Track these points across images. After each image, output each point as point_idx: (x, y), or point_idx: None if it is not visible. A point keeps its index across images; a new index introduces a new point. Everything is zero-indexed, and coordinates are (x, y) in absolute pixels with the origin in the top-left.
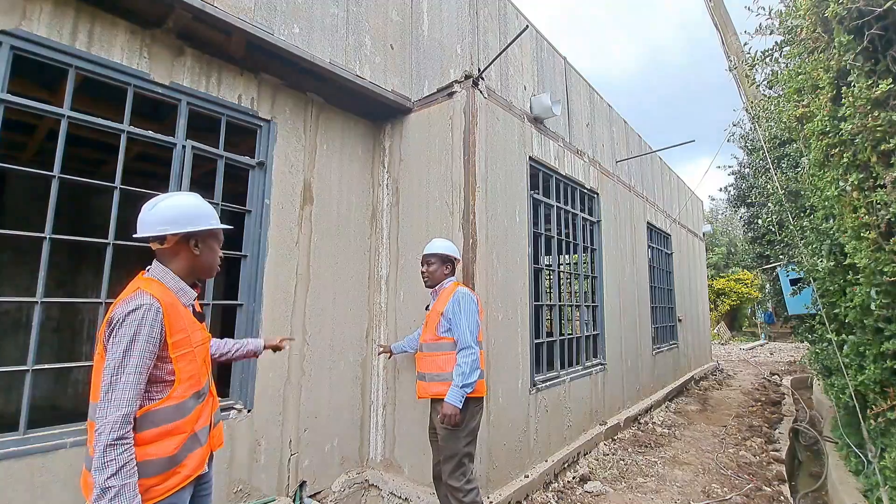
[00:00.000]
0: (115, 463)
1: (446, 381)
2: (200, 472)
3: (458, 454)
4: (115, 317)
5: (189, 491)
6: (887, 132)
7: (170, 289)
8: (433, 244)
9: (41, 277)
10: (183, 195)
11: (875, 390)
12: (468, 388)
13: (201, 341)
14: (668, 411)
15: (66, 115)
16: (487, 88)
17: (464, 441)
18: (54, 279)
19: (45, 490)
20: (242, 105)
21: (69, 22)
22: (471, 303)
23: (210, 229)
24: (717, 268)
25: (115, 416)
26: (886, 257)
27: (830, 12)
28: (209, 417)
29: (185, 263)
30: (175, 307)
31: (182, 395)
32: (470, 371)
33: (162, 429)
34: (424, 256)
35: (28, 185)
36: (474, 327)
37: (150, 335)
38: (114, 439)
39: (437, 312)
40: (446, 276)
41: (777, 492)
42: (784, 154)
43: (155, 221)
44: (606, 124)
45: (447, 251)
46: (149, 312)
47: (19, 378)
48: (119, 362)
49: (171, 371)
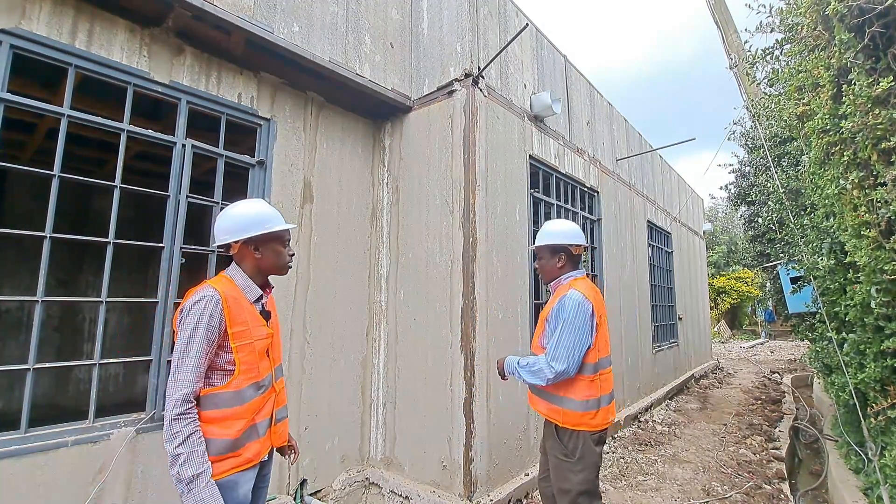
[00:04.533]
0: (181, 434)
1: (551, 405)
2: (258, 461)
3: (571, 491)
4: (185, 307)
5: (252, 475)
6: (888, 130)
7: (238, 285)
8: (542, 232)
9: (42, 276)
10: (243, 203)
11: (875, 388)
12: (519, 376)
13: (264, 336)
14: (668, 409)
15: (66, 114)
16: (487, 87)
17: (580, 475)
18: (55, 278)
19: (47, 489)
20: (242, 104)
21: (68, 21)
22: (579, 311)
23: (266, 233)
24: (717, 266)
25: (178, 394)
26: (887, 255)
27: (831, 10)
28: (271, 411)
29: (251, 265)
30: (238, 301)
31: (241, 384)
32: (536, 370)
33: (223, 412)
34: (535, 249)
35: (28, 184)
36: (572, 344)
37: (209, 324)
38: (177, 414)
39: (542, 318)
40: (561, 270)
41: (777, 490)
42: (784, 152)
43: (220, 232)
44: (606, 122)
45: (556, 239)
46: (210, 303)
47: (20, 377)
48: (184, 347)
49: (230, 361)
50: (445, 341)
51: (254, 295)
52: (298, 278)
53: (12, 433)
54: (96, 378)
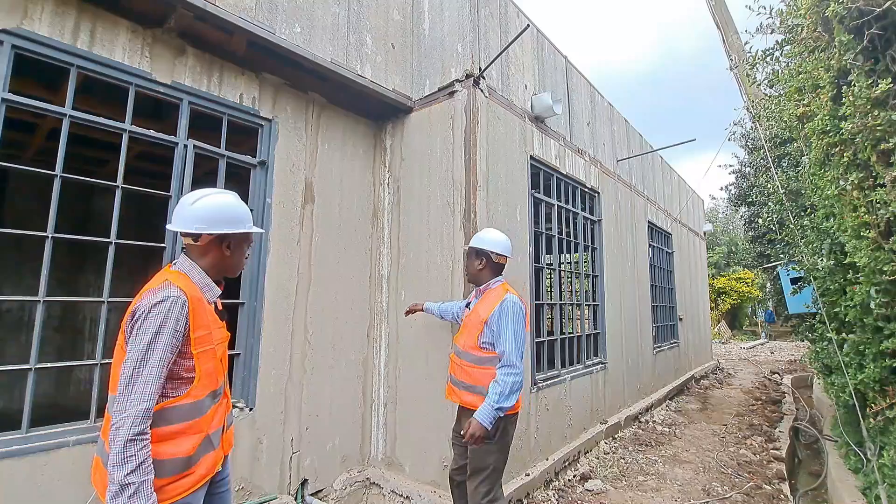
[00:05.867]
0: (134, 459)
1: (480, 395)
2: (212, 474)
3: (488, 468)
4: (140, 307)
5: (203, 491)
6: (887, 131)
7: (196, 284)
8: (476, 236)
9: (43, 276)
10: (223, 195)
11: (875, 389)
12: (502, 411)
13: (221, 339)
14: (668, 410)
15: (68, 115)
16: (488, 87)
17: (494, 455)
18: (56, 278)
19: (48, 488)
20: (244, 104)
21: (70, 21)
22: (520, 314)
23: (244, 232)
24: (717, 267)
25: (135, 409)
26: (886, 256)
27: (831, 12)
28: (223, 419)
29: (213, 262)
30: (200, 302)
31: (199, 393)
32: (509, 393)
33: (178, 427)
34: (467, 249)
35: (30, 184)
36: (521, 343)
37: (174, 328)
38: (134, 434)
39: (479, 318)
40: (481, 273)
41: (777, 490)
42: (785, 153)
43: (193, 218)
44: (607, 123)
45: (480, 244)
46: (175, 305)
47: (22, 377)
48: (142, 354)
49: (189, 368)
50: (446, 342)
51: (213, 295)
52: (299, 278)
53: (14, 433)
54: (97, 378)
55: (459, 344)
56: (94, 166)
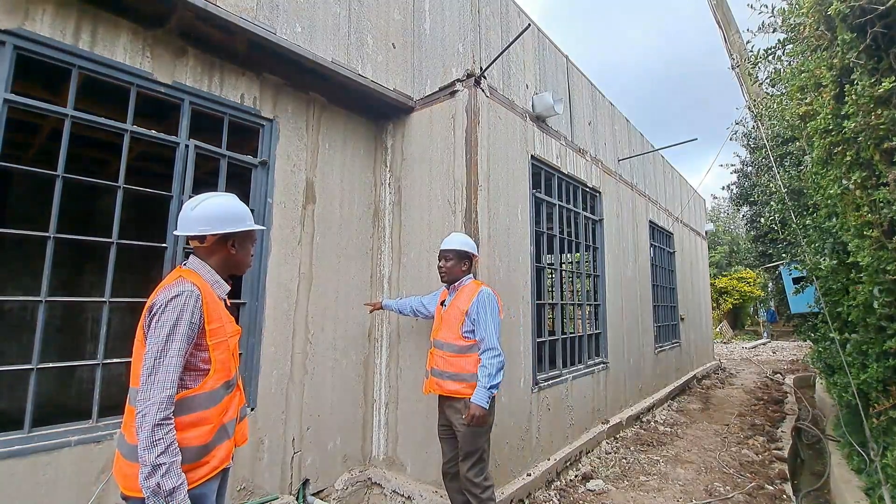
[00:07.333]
0: (163, 442)
1: (466, 382)
2: (227, 464)
3: (479, 450)
4: (158, 303)
5: (217, 482)
6: (890, 130)
7: (206, 281)
8: (452, 239)
9: (45, 276)
10: (222, 196)
11: (877, 389)
12: (495, 389)
13: (233, 332)
14: (670, 410)
15: (70, 115)
16: (489, 87)
17: (484, 437)
18: (58, 278)
19: (50, 488)
20: (245, 104)
21: (72, 22)
22: (494, 303)
23: (247, 230)
24: (719, 266)
25: (159, 396)
26: (889, 255)
27: (833, 10)
28: (236, 410)
29: (220, 261)
30: (212, 297)
31: (214, 384)
32: (496, 372)
33: (196, 416)
34: (442, 251)
35: (32, 184)
36: (498, 328)
37: (190, 320)
38: (161, 419)
39: (459, 311)
40: (464, 273)
41: (779, 490)
42: (787, 152)
43: (196, 221)
44: (608, 122)
45: (465, 247)
46: (190, 298)
47: (24, 377)
48: (162, 346)
49: (205, 359)
50: None
51: (223, 291)
52: (301, 278)
53: (16, 433)
54: (99, 378)
55: (440, 337)
56: (96, 167)
